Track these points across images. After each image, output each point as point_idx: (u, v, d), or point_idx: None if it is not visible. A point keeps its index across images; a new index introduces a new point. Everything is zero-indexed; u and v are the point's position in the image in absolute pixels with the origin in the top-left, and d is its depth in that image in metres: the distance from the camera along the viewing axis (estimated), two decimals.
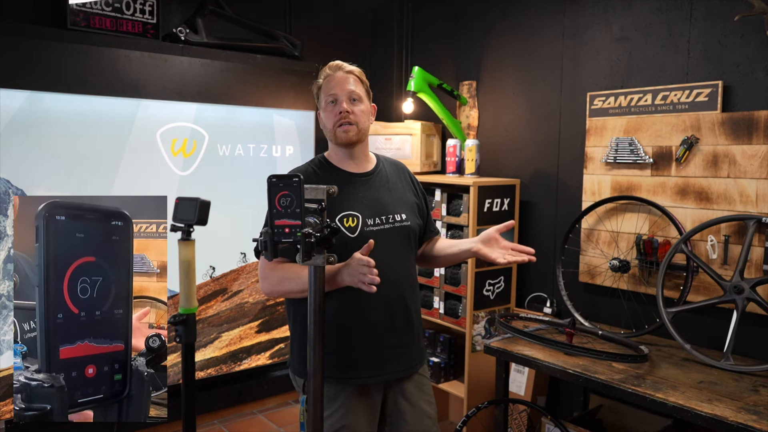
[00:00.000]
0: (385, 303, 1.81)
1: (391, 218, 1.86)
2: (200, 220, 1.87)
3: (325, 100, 1.86)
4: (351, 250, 1.72)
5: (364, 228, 1.80)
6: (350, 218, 1.79)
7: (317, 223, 1.45)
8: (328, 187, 1.53)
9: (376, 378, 1.81)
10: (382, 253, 1.79)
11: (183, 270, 1.88)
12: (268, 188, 1.40)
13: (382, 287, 1.75)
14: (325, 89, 1.86)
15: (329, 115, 1.85)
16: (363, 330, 1.78)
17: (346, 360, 1.79)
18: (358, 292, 1.71)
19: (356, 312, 1.78)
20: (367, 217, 1.81)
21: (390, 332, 1.83)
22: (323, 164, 1.89)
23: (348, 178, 1.86)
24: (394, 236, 1.85)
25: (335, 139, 1.86)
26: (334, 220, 1.76)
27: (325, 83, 1.87)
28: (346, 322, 1.77)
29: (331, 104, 1.85)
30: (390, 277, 1.80)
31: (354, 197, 1.82)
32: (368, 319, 1.79)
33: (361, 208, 1.81)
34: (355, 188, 1.85)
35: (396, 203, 1.90)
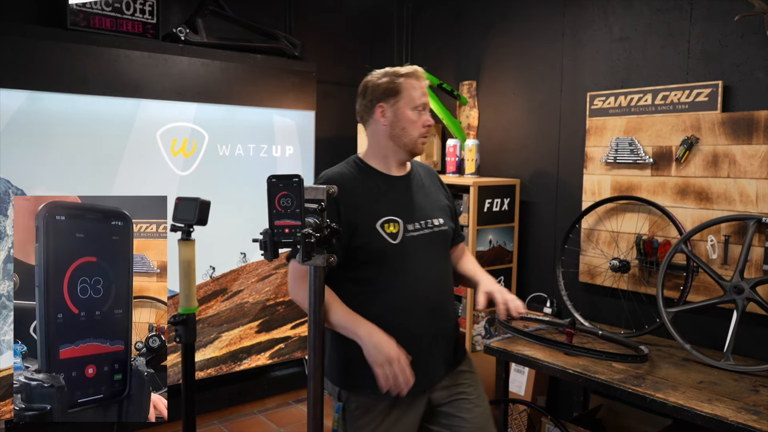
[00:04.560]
0: (427, 312, 1.76)
1: (430, 223, 1.81)
2: (200, 220, 1.87)
3: (413, 105, 1.78)
4: (393, 258, 1.70)
5: (406, 234, 1.75)
6: (392, 224, 1.73)
7: (317, 223, 1.45)
8: (328, 187, 1.52)
9: (419, 388, 1.73)
10: (423, 259, 1.76)
11: (183, 270, 1.88)
12: (268, 188, 1.40)
13: (424, 295, 1.74)
14: (413, 93, 1.78)
15: (415, 123, 1.78)
16: (405, 340, 1.69)
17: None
18: (400, 302, 1.69)
19: (398, 322, 1.71)
20: (408, 222, 1.76)
21: (433, 341, 1.78)
22: (360, 166, 1.82)
23: (387, 181, 1.81)
24: (434, 241, 1.81)
25: (414, 147, 1.80)
26: (375, 225, 1.71)
27: (410, 86, 1.78)
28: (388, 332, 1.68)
29: (419, 112, 1.78)
30: (431, 285, 1.77)
31: (393, 201, 1.78)
32: (410, 330, 1.73)
33: (402, 212, 1.76)
34: (394, 192, 1.80)
35: (433, 207, 1.86)
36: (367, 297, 1.73)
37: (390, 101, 1.78)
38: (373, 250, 1.71)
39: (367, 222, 1.72)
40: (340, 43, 4.04)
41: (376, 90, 1.80)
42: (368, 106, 1.82)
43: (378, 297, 1.72)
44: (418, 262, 1.76)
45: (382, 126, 1.80)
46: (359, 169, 1.81)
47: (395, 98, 1.78)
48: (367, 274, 1.73)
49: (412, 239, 1.75)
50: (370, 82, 1.82)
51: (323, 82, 3.85)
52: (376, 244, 1.71)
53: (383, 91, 1.79)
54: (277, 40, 3.54)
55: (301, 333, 3.74)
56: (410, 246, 1.74)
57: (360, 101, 1.85)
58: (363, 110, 1.85)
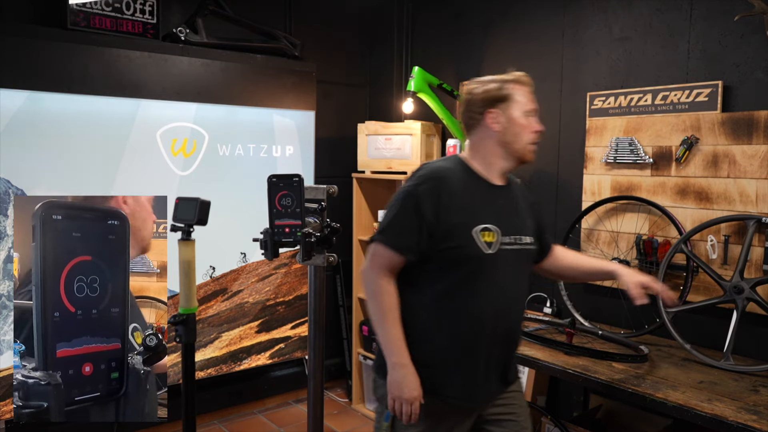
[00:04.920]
0: (502, 328, 1.74)
1: (521, 239, 1.77)
2: (200, 220, 1.87)
3: (525, 110, 1.74)
4: (483, 268, 1.67)
5: (500, 245, 1.70)
6: (489, 233, 1.69)
7: (317, 222, 1.45)
8: (328, 187, 1.53)
9: (475, 404, 1.75)
10: (510, 274, 1.73)
11: (183, 270, 1.88)
12: (269, 188, 1.40)
13: (503, 310, 1.72)
14: (526, 99, 1.75)
15: (527, 128, 1.75)
16: (473, 352, 1.70)
17: (451, 379, 1.71)
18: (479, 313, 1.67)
19: (471, 333, 1.69)
20: (504, 234, 1.72)
21: (498, 358, 1.76)
22: (466, 168, 1.77)
23: (489, 188, 1.76)
24: (520, 259, 1.78)
25: (525, 154, 1.76)
26: (472, 230, 1.66)
27: (523, 91, 1.76)
28: (462, 343, 1.70)
29: (530, 117, 1.75)
30: (511, 302, 1.76)
31: (493, 210, 1.73)
32: (481, 342, 1.71)
33: (499, 223, 1.71)
34: (495, 201, 1.75)
35: (525, 223, 1.81)
36: (447, 301, 1.69)
37: (501, 107, 1.74)
38: (465, 255, 1.66)
39: (466, 225, 1.67)
40: (340, 43, 4.04)
41: (486, 96, 1.76)
42: (477, 112, 1.77)
43: (458, 303, 1.69)
44: (504, 275, 1.72)
45: (494, 132, 1.75)
46: (464, 170, 1.76)
47: (506, 103, 1.74)
48: (453, 278, 1.69)
49: (504, 252, 1.71)
50: (477, 88, 1.78)
51: (323, 82, 3.85)
52: (470, 249, 1.66)
53: (494, 97, 1.75)
54: (277, 40, 3.54)
55: (301, 333, 3.74)
56: (502, 258, 1.70)
57: (466, 107, 1.80)
58: (471, 116, 1.79)
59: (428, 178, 1.70)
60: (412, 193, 1.68)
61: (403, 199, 1.69)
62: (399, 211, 1.69)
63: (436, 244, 1.66)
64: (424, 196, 1.66)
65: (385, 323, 1.66)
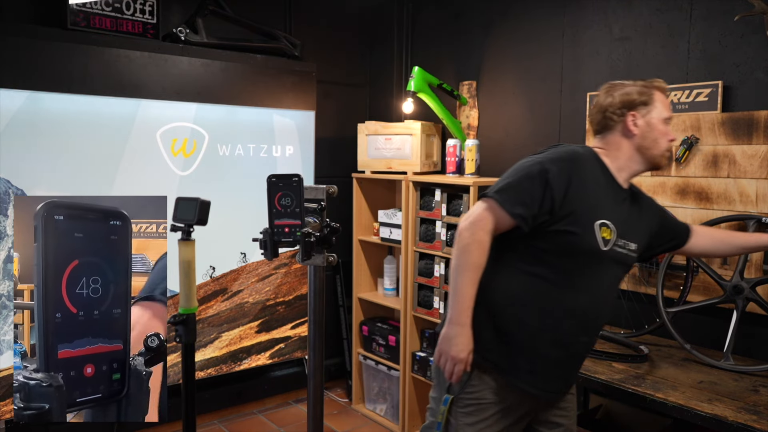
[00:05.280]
0: (590, 327, 1.76)
1: (629, 245, 1.75)
2: (200, 220, 1.87)
3: (664, 118, 1.76)
4: (595, 264, 1.67)
5: (614, 246, 1.69)
6: (608, 230, 1.67)
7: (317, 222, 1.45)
8: (327, 187, 1.52)
9: (545, 394, 1.75)
10: (611, 276, 1.74)
11: (183, 270, 1.88)
12: (268, 188, 1.40)
13: (596, 309, 1.73)
14: (665, 106, 1.77)
15: (664, 135, 1.76)
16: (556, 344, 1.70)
17: (527, 363, 1.71)
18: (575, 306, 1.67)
19: (568, 327, 1.70)
20: (619, 235, 1.70)
21: (576, 357, 1.79)
22: (600, 162, 1.75)
23: (615, 188, 1.75)
24: (623, 264, 1.77)
25: (660, 160, 1.77)
26: (594, 222, 1.65)
27: (661, 98, 1.77)
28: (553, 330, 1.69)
29: (667, 125, 1.77)
30: (605, 303, 1.76)
31: (615, 209, 1.72)
32: (568, 337, 1.71)
33: (618, 224, 1.70)
34: (618, 201, 1.74)
35: (637, 232, 1.79)
36: (547, 288, 1.68)
37: (642, 111, 1.75)
38: (581, 245, 1.65)
39: (590, 215, 1.65)
40: (340, 43, 4.04)
41: (627, 98, 1.75)
42: (618, 113, 1.76)
43: (559, 293, 1.68)
44: (606, 277, 1.72)
45: (632, 134, 1.75)
46: (598, 163, 1.74)
47: (647, 108, 1.75)
48: (560, 265, 1.67)
49: (614, 253, 1.70)
50: (617, 89, 1.78)
51: (323, 82, 3.85)
52: (588, 241, 1.64)
53: (636, 100, 1.75)
54: (277, 40, 3.54)
55: (301, 333, 3.74)
56: (611, 258, 1.70)
57: (604, 107, 1.79)
58: (608, 117, 1.78)
59: (564, 157, 1.68)
60: (544, 165, 1.65)
61: (532, 167, 1.66)
62: (524, 177, 1.66)
63: (554, 224, 1.64)
64: (556, 172, 1.63)
65: (463, 277, 1.64)
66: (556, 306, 1.68)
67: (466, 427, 1.72)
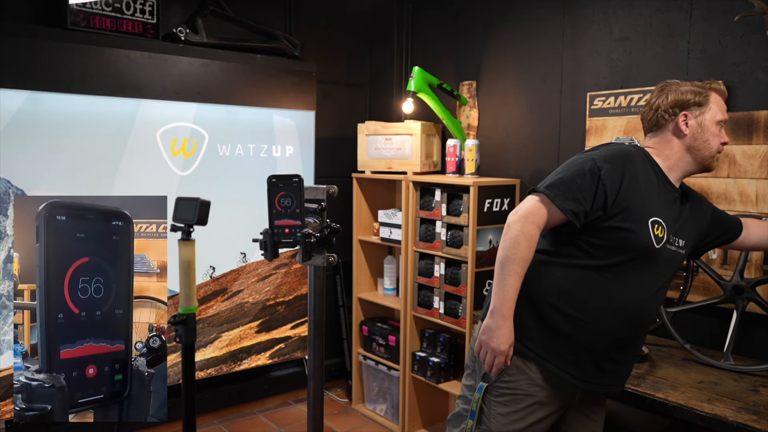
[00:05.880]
0: (637, 325, 1.75)
1: (678, 242, 1.76)
2: (200, 220, 1.87)
3: (717, 120, 1.75)
4: (647, 262, 1.67)
5: (666, 243, 1.70)
6: (660, 228, 1.68)
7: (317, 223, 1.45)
8: (327, 187, 1.52)
9: (587, 385, 1.76)
10: (661, 274, 1.73)
11: (183, 270, 1.88)
12: (268, 188, 1.40)
13: (644, 308, 1.72)
14: (720, 108, 1.76)
15: (716, 138, 1.75)
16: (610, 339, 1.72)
17: (572, 355, 1.72)
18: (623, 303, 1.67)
19: (616, 323, 1.71)
20: (671, 233, 1.72)
21: (626, 352, 1.78)
22: (651, 161, 1.75)
23: (668, 187, 1.76)
24: (673, 262, 1.77)
25: (710, 162, 1.77)
26: (648, 219, 1.66)
27: (717, 100, 1.76)
28: (600, 325, 1.70)
29: (721, 128, 1.76)
30: (653, 302, 1.75)
31: (667, 209, 1.72)
32: (621, 333, 1.72)
33: (670, 223, 1.72)
34: (669, 199, 1.75)
35: (688, 230, 1.79)
36: (595, 283, 1.69)
37: (695, 111, 1.74)
38: (634, 241, 1.66)
39: (643, 213, 1.66)
40: (340, 43, 4.04)
41: (681, 97, 1.75)
42: (670, 113, 1.76)
43: (608, 288, 1.68)
44: (656, 274, 1.73)
45: (683, 134, 1.75)
46: (649, 162, 1.75)
47: (701, 109, 1.74)
48: (610, 261, 1.68)
49: (665, 251, 1.71)
50: (673, 88, 1.77)
51: (323, 82, 3.85)
52: (642, 237, 1.65)
53: (690, 100, 1.74)
54: (277, 40, 3.54)
55: (301, 333, 3.74)
56: (663, 256, 1.70)
57: (657, 104, 1.79)
58: (660, 115, 1.78)
59: (617, 155, 1.69)
60: (597, 162, 1.66)
61: (584, 163, 1.67)
62: (576, 173, 1.66)
63: (607, 220, 1.65)
64: (609, 169, 1.64)
65: (509, 269, 1.63)
66: (605, 301, 1.69)
67: (499, 416, 1.73)
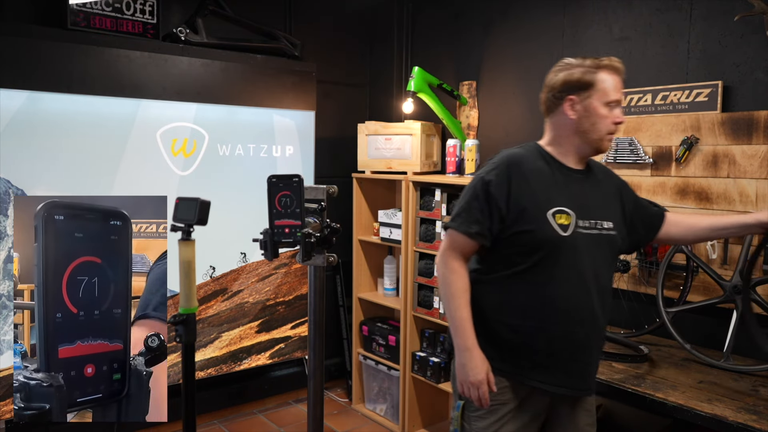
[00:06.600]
0: (585, 316, 1.73)
1: (599, 224, 1.74)
2: (200, 220, 1.86)
3: (606, 100, 1.70)
4: (561, 250, 1.67)
5: (576, 229, 1.69)
6: (563, 215, 1.68)
7: (317, 222, 1.45)
8: (327, 187, 1.53)
9: (553, 387, 1.74)
10: (589, 259, 1.71)
11: (183, 270, 1.88)
12: (268, 188, 1.40)
13: (585, 296, 1.71)
14: (607, 88, 1.70)
15: (605, 119, 1.70)
16: (556, 337, 1.71)
17: (528, 361, 1.73)
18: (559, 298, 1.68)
19: (556, 319, 1.70)
20: (579, 217, 1.70)
21: (581, 349, 1.75)
22: (541, 152, 1.77)
23: (564, 172, 1.75)
24: (601, 244, 1.75)
25: (600, 144, 1.73)
26: (546, 213, 1.67)
27: (607, 80, 1.70)
28: (542, 325, 1.71)
29: (609, 107, 1.71)
30: (594, 288, 1.72)
31: (568, 194, 1.72)
32: (562, 329, 1.71)
33: (574, 206, 1.71)
34: (570, 185, 1.75)
35: (606, 209, 1.78)
36: (524, 287, 1.71)
37: (582, 95, 1.71)
38: (540, 239, 1.67)
39: (539, 208, 1.68)
40: (340, 43, 4.04)
41: (567, 81, 1.73)
42: (557, 97, 1.75)
43: (537, 288, 1.70)
44: (583, 260, 1.70)
45: (570, 119, 1.73)
46: (539, 156, 1.77)
47: (587, 92, 1.70)
48: (528, 263, 1.69)
49: (581, 236, 1.69)
50: (562, 71, 1.75)
51: (323, 82, 3.85)
52: (544, 233, 1.67)
53: (575, 83, 1.71)
54: (277, 40, 3.54)
55: (301, 333, 3.74)
56: (579, 242, 1.69)
57: (547, 90, 1.78)
58: (549, 101, 1.77)
59: (499, 164, 1.73)
60: (484, 179, 1.72)
61: (477, 184, 1.73)
62: (470, 197, 1.74)
63: (509, 229, 1.69)
64: (495, 182, 1.69)
65: (453, 304, 1.71)
66: (538, 301, 1.70)
67: (480, 430, 1.75)
